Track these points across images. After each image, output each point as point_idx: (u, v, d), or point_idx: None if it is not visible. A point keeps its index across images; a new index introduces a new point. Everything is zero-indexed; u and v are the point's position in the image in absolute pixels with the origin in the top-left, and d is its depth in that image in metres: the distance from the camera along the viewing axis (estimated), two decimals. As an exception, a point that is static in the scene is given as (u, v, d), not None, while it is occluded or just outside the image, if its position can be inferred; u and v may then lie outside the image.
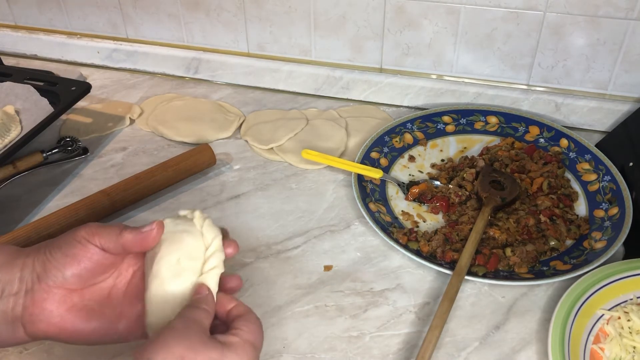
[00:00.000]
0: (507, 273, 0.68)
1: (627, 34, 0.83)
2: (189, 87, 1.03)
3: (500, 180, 0.78)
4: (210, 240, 0.50)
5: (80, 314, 0.48)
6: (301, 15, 0.95)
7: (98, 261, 0.48)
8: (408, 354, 0.61)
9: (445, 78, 0.95)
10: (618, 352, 0.59)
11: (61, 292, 0.47)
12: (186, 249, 0.49)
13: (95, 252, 0.48)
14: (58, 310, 0.47)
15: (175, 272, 0.48)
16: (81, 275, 0.48)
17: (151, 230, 0.49)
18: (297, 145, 0.88)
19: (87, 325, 0.48)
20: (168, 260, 0.48)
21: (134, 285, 0.51)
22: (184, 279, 0.48)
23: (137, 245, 0.48)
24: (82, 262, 0.47)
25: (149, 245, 0.49)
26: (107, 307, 0.50)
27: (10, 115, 0.84)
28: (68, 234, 0.48)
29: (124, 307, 0.50)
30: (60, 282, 0.47)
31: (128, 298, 0.51)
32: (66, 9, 1.07)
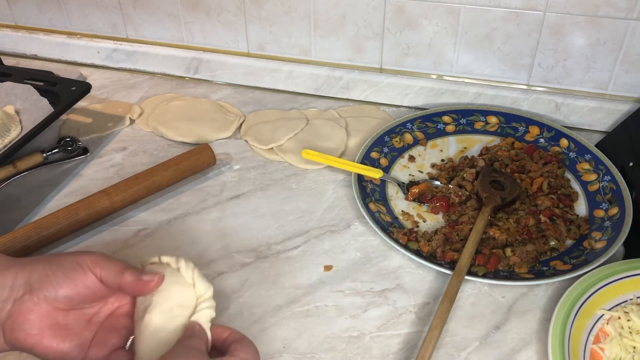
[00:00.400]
0: (507, 273, 0.68)
1: (627, 34, 0.83)
2: (189, 87, 1.03)
3: (500, 180, 0.78)
4: (203, 291, 0.52)
5: (59, 333, 0.49)
6: (301, 15, 0.95)
7: (93, 290, 0.50)
8: (408, 354, 0.61)
9: (445, 78, 0.95)
10: (618, 352, 0.59)
11: (48, 308, 0.48)
12: (178, 299, 0.50)
13: (93, 282, 0.49)
14: (40, 324, 0.48)
15: (167, 320, 0.49)
16: (73, 298, 0.49)
17: (151, 281, 0.50)
18: (297, 145, 0.88)
19: (62, 344, 0.49)
20: (161, 309, 0.50)
21: (114, 318, 0.53)
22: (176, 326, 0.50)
23: (133, 289, 0.50)
24: (79, 287, 0.49)
25: (145, 293, 0.50)
26: (84, 331, 0.51)
27: (10, 115, 0.84)
28: (73, 256, 0.49)
29: (99, 336, 0.51)
30: (51, 298, 0.48)
31: (105, 329, 0.52)
32: (66, 9, 1.07)
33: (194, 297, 0.51)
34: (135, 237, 0.75)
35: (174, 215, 0.78)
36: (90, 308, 0.52)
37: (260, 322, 0.64)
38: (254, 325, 0.64)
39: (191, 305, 0.51)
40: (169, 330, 0.49)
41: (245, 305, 0.66)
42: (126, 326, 0.53)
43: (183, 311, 0.50)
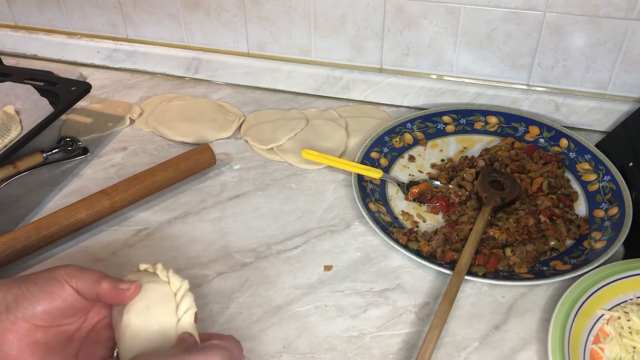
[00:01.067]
0: (507, 273, 0.68)
1: (627, 34, 0.83)
2: (189, 87, 1.03)
3: (500, 180, 0.78)
4: (178, 284, 0.51)
5: (39, 351, 0.48)
6: (301, 15, 0.95)
7: (71, 303, 0.48)
8: (408, 354, 0.61)
9: (445, 78, 0.95)
10: (618, 352, 0.59)
11: (26, 326, 0.47)
12: (154, 295, 0.50)
13: (70, 294, 0.48)
14: (19, 343, 0.47)
15: (146, 318, 0.49)
16: (51, 312, 0.48)
17: (128, 289, 0.49)
18: (297, 145, 0.88)
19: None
20: (137, 308, 0.49)
21: (96, 332, 0.52)
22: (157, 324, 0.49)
23: (111, 297, 0.49)
24: (56, 300, 0.48)
25: (123, 302, 0.49)
26: (66, 347, 0.50)
27: (10, 115, 0.84)
28: (46, 272, 0.49)
29: (83, 351, 0.50)
30: (29, 316, 0.47)
31: (88, 343, 0.51)
32: (66, 9, 1.07)
33: (170, 293, 0.51)
34: (135, 237, 0.75)
35: (174, 215, 0.78)
36: (70, 324, 0.50)
37: (260, 322, 0.64)
38: (254, 325, 0.64)
39: (169, 300, 0.50)
40: (150, 330, 0.48)
41: (245, 305, 0.66)
42: (110, 337, 0.52)
43: (162, 308, 0.49)
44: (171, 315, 0.49)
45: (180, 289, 0.51)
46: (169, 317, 0.49)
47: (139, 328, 0.48)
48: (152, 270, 0.52)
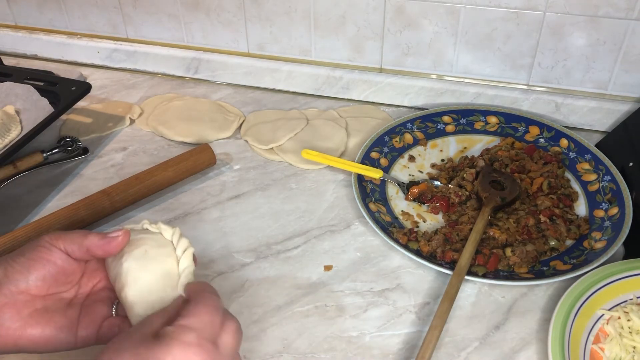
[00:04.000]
0: (507, 273, 0.68)
1: (627, 34, 0.83)
2: (189, 87, 1.03)
3: (500, 180, 0.78)
4: (171, 231, 0.51)
5: (41, 318, 0.48)
6: (301, 15, 0.95)
7: (61, 266, 0.48)
8: (408, 354, 0.61)
9: (445, 78, 0.95)
10: (618, 352, 0.59)
11: (24, 297, 0.47)
12: (150, 242, 0.50)
13: (60, 256, 0.48)
14: (19, 315, 0.47)
15: (146, 262, 0.49)
16: (45, 279, 0.48)
17: (117, 237, 0.49)
18: (297, 145, 0.88)
19: (47, 329, 0.48)
20: (135, 254, 0.49)
21: (93, 295, 0.52)
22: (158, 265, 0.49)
23: (101, 248, 0.48)
24: (47, 266, 0.48)
25: (113, 251, 0.49)
26: (68, 311, 0.50)
27: (10, 115, 0.84)
28: (31, 242, 0.48)
29: (84, 314, 0.50)
30: (23, 287, 0.47)
31: (88, 306, 0.51)
32: (66, 9, 1.07)
33: (165, 239, 0.51)
34: (135, 237, 0.75)
35: (174, 215, 0.78)
36: (66, 292, 0.50)
37: (260, 322, 0.64)
38: (254, 325, 0.64)
39: (166, 245, 0.50)
40: (152, 272, 0.48)
41: (245, 305, 0.66)
42: (108, 297, 0.52)
43: (160, 251, 0.49)
44: (170, 255, 0.49)
45: (174, 234, 0.51)
46: (168, 257, 0.49)
47: (140, 272, 0.48)
48: (140, 227, 0.53)
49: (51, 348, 0.48)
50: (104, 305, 0.51)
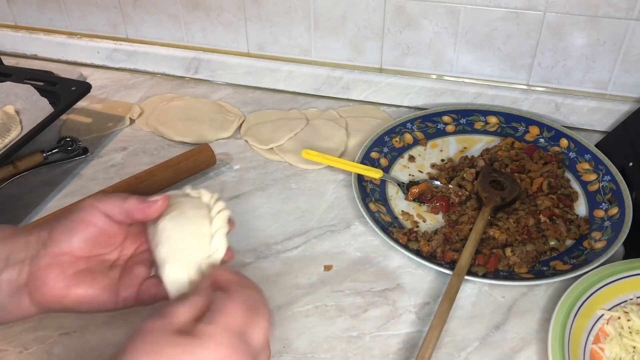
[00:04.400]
0: (507, 273, 0.68)
1: (627, 34, 0.83)
2: (189, 87, 1.03)
3: (500, 180, 0.78)
4: (210, 195, 0.53)
5: (84, 278, 0.49)
6: (301, 15, 0.95)
7: (103, 228, 0.49)
8: (408, 354, 0.61)
9: (445, 78, 0.95)
10: (618, 352, 0.59)
11: (68, 258, 0.48)
12: (187, 204, 0.51)
13: (101, 219, 0.49)
14: (64, 274, 0.48)
15: (180, 221, 0.50)
16: (87, 240, 0.49)
17: (156, 201, 0.50)
18: (297, 145, 0.88)
19: (90, 289, 0.49)
20: (171, 214, 0.50)
21: (135, 257, 0.53)
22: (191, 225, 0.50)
23: (140, 212, 0.49)
24: (88, 227, 0.49)
25: (152, 215, 0.50)
26: (110, 273, 0.51)
27: (10, 115, 0.84)
28: (74, 204, 0.50)
29: (125, 275, 0.51)
30: (66, 248, 0.48)
31: (129, 268, 0.52)
32: (66, 9, 1.07)
33: (202, 203, 0.52)
34: (135, 237, 0.75)
35: (174, 215, 0.78)
36: (109, 254, 0.52)
37: (260, 322, 0.64)
38: (254, 325, 0.64)
39: (202, 207, 0.51)
40: (184, 231, 0.49)
41: (245, 305, 0.66)
42: (149, 259, 0.52)
43: (195, 211, 0.51)
44: (206, 217, 0.51)
45: (212, 197, 0.53)
46: (203, 218, 0.50)
47: (174, 232, 0.49)
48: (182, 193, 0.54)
49: (94, 308, 0.50)
50: (144, 267, 0.52)
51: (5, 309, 0.48)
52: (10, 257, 0.48)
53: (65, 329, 0.64)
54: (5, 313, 0.48)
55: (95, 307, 0.50)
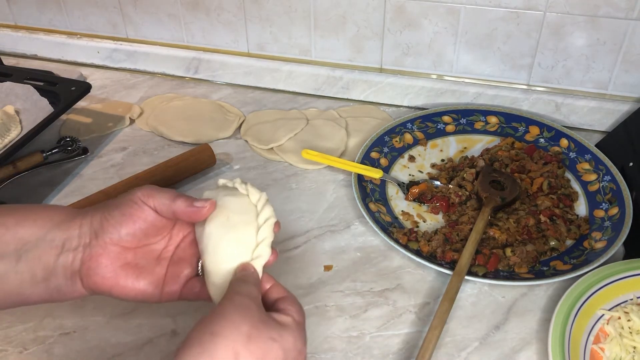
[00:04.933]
0: (507, 273, 0.68)
1: (627, 34, 0.83)
2: (189, 87, 1.03)
3: (500, 180, 0.78)
4: (258, 195, 0.52)
5: (132, 272, 0.50)
6: (301, 15, 0.95)
7: (151, 222, 0.51)
8: (408, 354, 0.61)
9: (445, 78, 0.95)
10: (618, 352, 0.59)
11: (116, 249, 0.50)
12: (233, 207, 0.51)
13: (150, 214, 0.50)
14: (113, 266, 0.50)
15: (227, 228, 0.50)
16: (135, 234, 0.50)
17: (203, 207, 0.51)
18: (297, 145, 0.88)
19: (137, 283, 0.51)
20: (218, 219, 0.50)
21: (182, 249, 0.54)
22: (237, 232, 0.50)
23: (186, 215, 0.51)
24: (137, 222, 0.50)
25: (198, 219, 0.51)
26: (156, 268, 0.52)
27: (10, 115, 0.84)
28: (125, 196, 0.51)
29: (171, 271, 0.53)
30: (116, 239, 0.50)
31: (175, 263, 0.53)
32: (66, 9, 1.07)
33: (250, 204, 0.52)
34: (135, 237, 0.75)
35: (174, 215, 0.78)
36: (156, 244, 0.53)
37: (260, 322, 0.64)
38: (254, 325, 0.64)
39: (249, 211, 0.51)
40: (230, 239, 0.50)
41: (245, 305, 0.66)
42: (194, 254, 0.54)
43: (242, 218, 0.51)
44: (251, 224, 0.51)
45: (260, 199, 0.52)
46: (249, 225, 0.51)
47: (220, 241, 0.50)
48: (231, 185, 0.54)
49: (139, 299, 0.51)
50: (187, 263, 0.53)
51: (60, 290, 0.50)
52: (66, 243, 0.50)
53: (65, 329, 0.64)
54: (60, 294, 0.50)
55: (140, 299, 0.52)
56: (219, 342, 0.41)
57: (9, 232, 0.49)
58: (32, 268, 0.49)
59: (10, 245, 0.49)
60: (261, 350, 0.42)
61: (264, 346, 0.43)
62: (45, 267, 0.49)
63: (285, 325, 0.45)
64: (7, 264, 0.49)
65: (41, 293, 0.50)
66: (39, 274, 0.49)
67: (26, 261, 0.49)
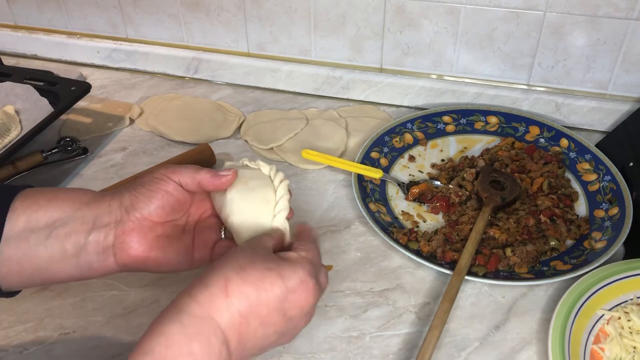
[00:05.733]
0: (507, 273, 0.68)
1: (627, 34, 0.83)
2: (189, 87, 1.03)
3: (501, 180, 0.78)
4: (269, 167, 0.57)
5: (163, 243, 0.54)
6: (301, 15, 0.95)
7: (176, 196, 0.54)
8: (408, 354, 0.61)
9: (445, 78, 0.95)
10: (618, 352, 0.59)
11: (147, 223, 0.53)
12: (250, 175, 0.56)
13: (175, 187, 0.54)
14: (145, 239, 0.53)
15: (247, 192, 0.55)
16: (164, 207, 0.53)
17: (227, 175, 0.55)
18: (297, 145, 0.88)
19: (169, 253, 0.54)
20: (237, 186, 0.55)
21: (203, 221, 0.58)
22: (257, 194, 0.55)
23: (211, 183, 0.54)
24: (165, 196, 0.53)
25: (222, 187, 0.55)
26: (183, 238, 0.56)
27: (10, 115, 0.84)
28: (147, 174, 0.54)
29: (198, 239, 0.57)
30: (146, 214, 0.53)
31: (200, 231, 0.57)
32: (66, 9, 1.07)
33: (263, 173, 0.57)
34: (135, 237, 0.74)
35: (174, 215, 0.78)
36: (180, 219, 0.56)
37: (260, 322, 0.64)
38: (254, 325, 0.64)
39: (264, 177, 0.56)
40: (251, 200, 0.54)
41: (245, 305, 0.66)
42: (216, 223, 0.58)
43: (259, 182, 0.55)
44: (268, 186, 0.55)
45: (272, 169, 0.57)
46: (266, 187, 0.55)
47: (243, 202, 0.54)
48: (240, 164, 0.59)
49: (172, 268, 0.55)
50: (212, 230, 0.58)
51: (91, 266, 0.52)
52: (96, 221, 0.52)
53: (65, 329, 0.64)
54: (90, 270, 0.52)
55: (173, 268, 0.55)
56: (213, 271, 0.46)
57: (40, 209, 0.52)
58: (62, 244, 0.51)
59: (41, 221, 0.51)
60: (254, 276, 0.45)
61: (258, 274, 0.46)
62: (76, 243, 0.51)
63: (287, 259, 0.48)
64: (37, 239, 0.51)
65: (71, 269, 0.52)
66: (69, 250, 0.51)
67: (56, 237, 0.51)
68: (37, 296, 0.67)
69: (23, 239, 0.51)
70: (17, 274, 0.51)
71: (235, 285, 0.45)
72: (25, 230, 0.51)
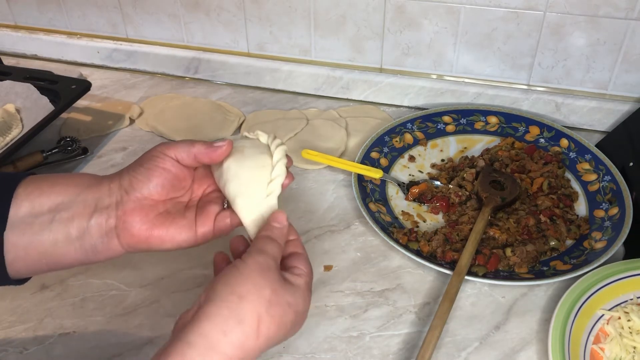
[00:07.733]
0: (507, 273, 0.68)
1: (627, 34, 0.83)
2: (189, 87, 1.03)
3: (501, 180, 0.78)
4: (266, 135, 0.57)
5: (165, 220, 0.53)
6: (301, 15, 0.95)
7: (175, 173, 0.54)
8: (408, 354, 0.61)
9: (445, 78, 0.95)
10: (618, 352, 0.59)
11: (148, 202, 0.53)
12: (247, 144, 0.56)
13: (172, 164, 0.53)
14: (147, 217, 0.53)
15: (243, 159, 0.54)
16: (164, 184, 0.53)
17: (222, 145, 0.54)
18: (297, 145, 0.88)
19: (172, 229, 0.53)
20: (233, 156, 0.55)
21: (205, 197, 0.58)
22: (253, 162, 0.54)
23: (207, 155, 0.53)
24: (163, 173, 0.53)
25: (218, 158, 0.54)
26: (187, 213, 0.55)
27: (11, 113, 0.84)
28: (145, 154, 0.54)
29: (200, 214, 0.56)
30: (146, 193, 0.52)
31: (202, 207, 0.56)
32: (66, 9, 1.07)
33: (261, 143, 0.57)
34: (135, 237, 0.74)
35: (174, 215, 0.78)
36: (182, 197, 0.56)
37: (260, 322, 0.64)
38: (254, 325, 0.64)
39: (260, 145, 0.56)
40: (247, 167, 0.54)
41: (245, 305, 0.66)
42: (218, 197, 0.57)
43: (255, 150, 0.55)
44: (265, 152, 0.55)
45: (270, 137, 0.57)
46: (263, 154, 0.55)
47: (239, 169, 0.54)
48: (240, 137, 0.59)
49: (176, 245, 0.54)
50: (215, 204, 0.57)
51: (95, 249, 0.52)
52: (98, 203, 0.52)
53: (65, 329, 0.64)
54: (95, 253, 0.52)
55: (177, 245, 0.54)
56: (245, 306, 0.44)
57: (43, 195, 0.52)
58: (66, 227, 0.51)
59: (44, 206, 0.52)
60: (279, 315, 0.46)
61: (281, 311, 0.46)
62: (79, 226, 0.51)
63: (297, 288, 0.48)
64: (41, 224, 0.51)
65: (76, 253, 0.52)
66: (74, 233, 0.51)
67: (60, 221, 0.51)
68: (37, 296, 0.67)
69: (27, 225, 0.51)
70: (23, 260, 0.51)
71: (264, 326, 0.45)
72: (30, 215, 0.51)
